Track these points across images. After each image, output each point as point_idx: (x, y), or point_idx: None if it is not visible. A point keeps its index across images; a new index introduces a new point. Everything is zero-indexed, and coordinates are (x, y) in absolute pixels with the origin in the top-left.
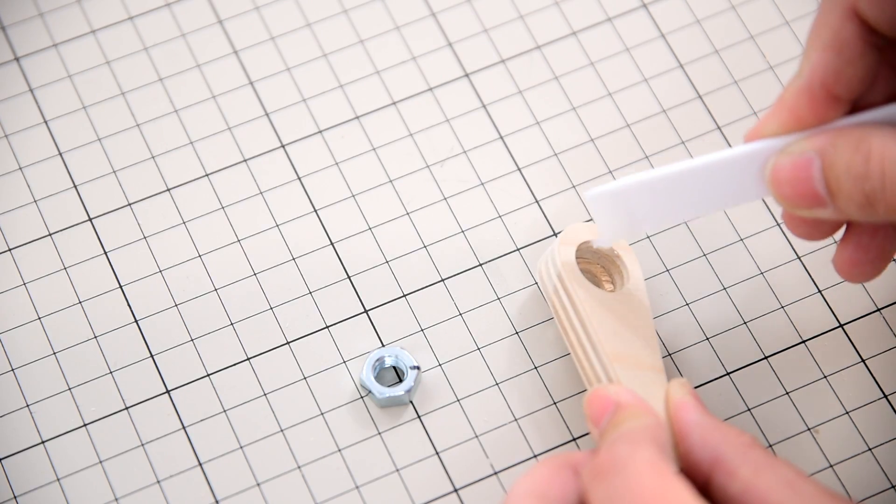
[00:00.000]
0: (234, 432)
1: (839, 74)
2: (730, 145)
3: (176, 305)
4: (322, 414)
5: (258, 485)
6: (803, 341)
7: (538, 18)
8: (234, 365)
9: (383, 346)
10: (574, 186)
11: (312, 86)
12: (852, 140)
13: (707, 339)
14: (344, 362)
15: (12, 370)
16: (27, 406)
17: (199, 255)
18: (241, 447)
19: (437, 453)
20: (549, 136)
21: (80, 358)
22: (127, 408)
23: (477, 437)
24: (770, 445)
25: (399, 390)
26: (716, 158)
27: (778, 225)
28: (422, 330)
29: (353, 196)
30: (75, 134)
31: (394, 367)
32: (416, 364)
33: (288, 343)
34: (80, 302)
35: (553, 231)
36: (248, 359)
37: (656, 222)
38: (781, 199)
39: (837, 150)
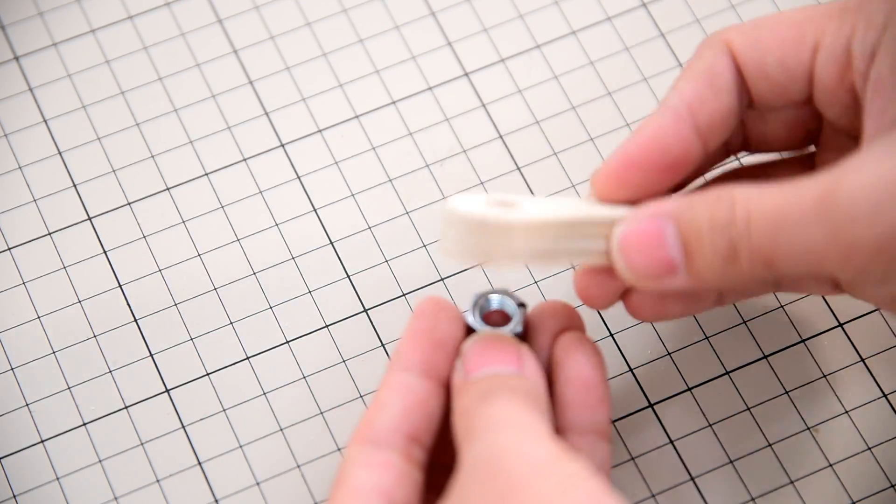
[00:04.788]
0: (233, 431)
1: (705, 104)
2: None
3: (175, 305)
4: (321, 413)
5: (258, 484)
6: (803, 340)
7: (538, 18)
8: (234, 364)
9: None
10: (573, 185)
11: (312, 85)
12: (712, 195)
13: (706, 338)
14: (344, 362)
15: (12, 369)
16: (27, 405)
17: (199, 255)
18: (241, 446)
19: None
20: (548, 135)
21: (80, 357)
22: (126, 407)
23: None
24: (770, 444)
25: (506, 330)
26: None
27: None
28: None
29: (353, 195)
30: (75, 133)
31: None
32: (522, 302)
33: (287, 342)
34: (79, 301)
35: None
36: (248, 358)
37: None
38: (629, 269)
39: (696, 207)
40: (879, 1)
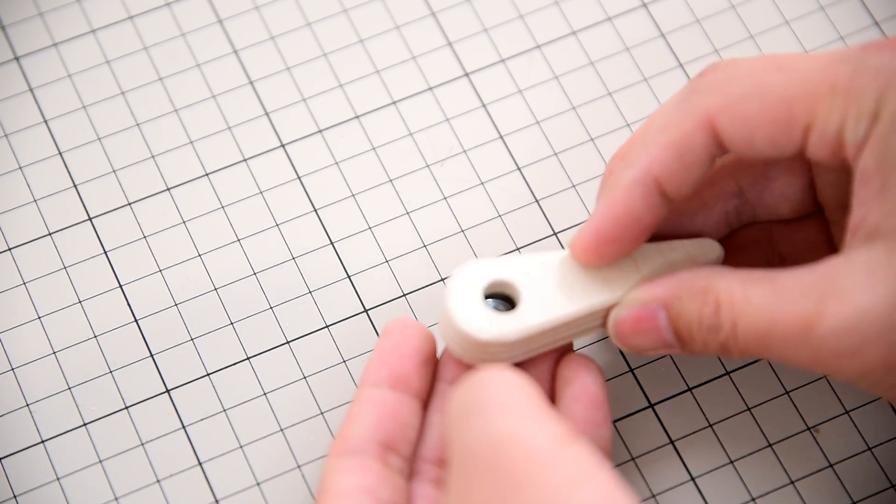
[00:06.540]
0: (234, 432)
1: (673, 175)
2: None
3: (176, 305)
4: (322, 413)
5: (258, 484)
6: None
7: (538, 18)
8: (234, 364)
9: None
10: (574, 186)
11: (312, 85)
12: (698, 291)
13: None
14: (344, 362)
15: (12, 370)
16: (27, 405)
17: (199, 255)
18: (241, 447)
19: None
20: (549, 135)
21: (80, 357)
22: (127, 407)
23: None
24: (770, 445)
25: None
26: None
27: None
28: None
29: (353, 196)
30: (75, 133)
31: None
32: None
33: (288, 343)
34: (80, 301)
35: (553, 231)
36: (248, 358)
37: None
38: (629, 349)
39: (684, 302)
40: (869, 84)
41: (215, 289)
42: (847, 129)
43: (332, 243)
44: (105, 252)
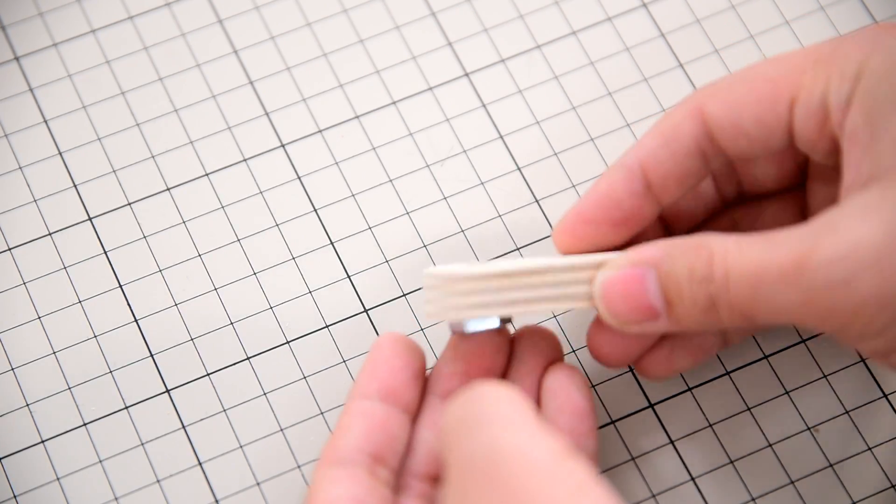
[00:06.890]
0: (234, 432)
1: (658, 162)
2: None
3: (176, 305)
4: (322, 413)
5: (258, 484)
6: (803, 340)
7: (538, 18)
8: (234, 364)
9: None
10: (574, 186)
11: (312, 85)
12: (691, 246)
13: None
14: (344, 362)
15: (12, 370)
16: (27, 405)
17: (199, 255)
18: (241, 447)
19: None
20: (549, 135)
21: (80, 357)
22: (127, 407)
23: None
24: (770, 445)
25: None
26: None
27: None
28: (421, 329)
29: (353, 196)
30: (75, 133)
31: None
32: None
33: (288, 343)
34: (79, 301)
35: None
36: (248, 358)
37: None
38: (612, 315)
39: (675, 258)
40: (852, 50)
41: (215, 289)
42: (831, 94)
43: (332, 243)
44: (105, 252)
